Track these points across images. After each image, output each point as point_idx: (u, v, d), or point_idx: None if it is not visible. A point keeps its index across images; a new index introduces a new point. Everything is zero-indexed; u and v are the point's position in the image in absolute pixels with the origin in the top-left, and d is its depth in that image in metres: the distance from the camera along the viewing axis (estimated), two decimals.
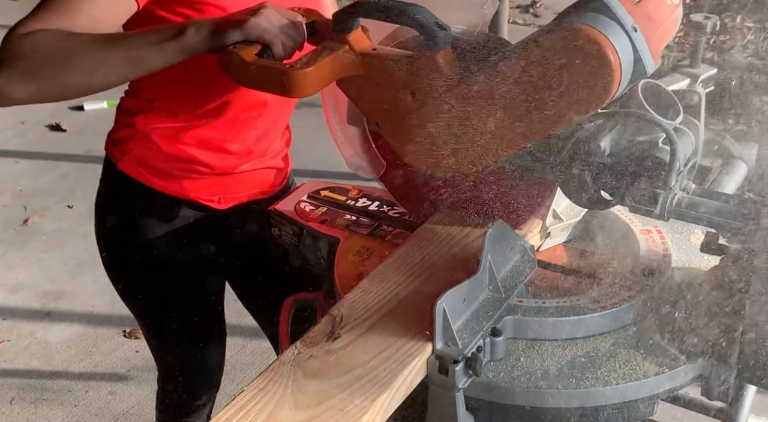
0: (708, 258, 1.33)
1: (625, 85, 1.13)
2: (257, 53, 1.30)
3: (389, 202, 1.59)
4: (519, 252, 1.30)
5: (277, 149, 1.79)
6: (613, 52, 1.08)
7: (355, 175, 1.53)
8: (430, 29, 1.21)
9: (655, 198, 1.17)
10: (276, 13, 1.31)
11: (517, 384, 1.16)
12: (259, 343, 2.91)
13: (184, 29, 1.30)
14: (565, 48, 1.10)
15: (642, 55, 1.12)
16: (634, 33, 1.11)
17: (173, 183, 1.67)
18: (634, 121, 1.19)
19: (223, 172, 1.69)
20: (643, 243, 1.37)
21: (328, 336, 1.18)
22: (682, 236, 1.43)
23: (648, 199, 1.17)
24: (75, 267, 3.57)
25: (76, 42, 1.31)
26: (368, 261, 1.43)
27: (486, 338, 1.17)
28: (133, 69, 1.35)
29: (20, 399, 2.89)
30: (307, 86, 1.27)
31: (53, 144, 4.67)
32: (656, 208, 1.18)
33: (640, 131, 1.19)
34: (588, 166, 1.21)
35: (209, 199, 1.72)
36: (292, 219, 1.57)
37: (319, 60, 1.26)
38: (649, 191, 1.17)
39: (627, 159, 1.19)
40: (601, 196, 1.23)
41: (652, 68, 1.14)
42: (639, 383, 1.16)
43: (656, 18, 1.17)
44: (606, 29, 1.09)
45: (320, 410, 1.05)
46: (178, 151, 1.64)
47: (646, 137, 1.19)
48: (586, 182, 1.22)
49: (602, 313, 1.23)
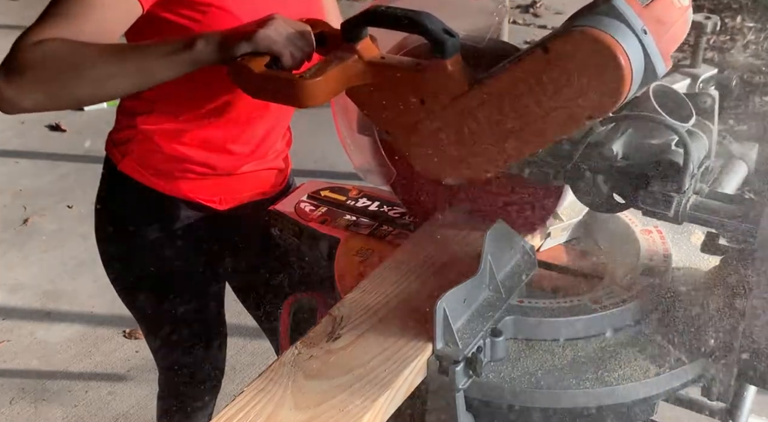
0: (708, 259, 1.33)
1: (636, 88, 1.12)
2: (266, 64, 1.30)
3: (389, 202, 1.59)
4: (519, 252, 1.30)
5: (279, 150, 1.79)
6: (624, 56, 1.07)
7: (354, 175, 1.53)
8: (438, 36, 1.20)
9: (669, 201, 1.15)
10: (285, 23, 1.32)
11: (517, 385, 1.16)
12: (260, 343, 2.90)
13: (193, 41, 1.31)
14: (575, 52, 1.10)
15: (653, 57, 1.11)
16: (644, 36, 1.09)
17: (174, 184, 1.67)
18: (647, 124, 1.17)
19: (225, 172, 1.69)
20: (643, 243, 1.37)
21: (329, 337, 1.18)
22: (682, 236, 1.43)
23: (662, 203, 1.16)
24: (75, 267, 3.56)
25: (86, 53, 1.32)
26: (368, 261, 1.43)
27: (486, 338, 1.17)
28: (143, 80, 1.36)
29: (20, 399, 2.89)
30: (317, 96, 1.27)
31: (53, 144, 4.67)
32: (670, 212, 1.16)
33: (653, 134, 1.18)
34: (600, 170, 1.20)
35: (210, 200, 1.72)
36: (292, 220, 1.57)
37: (329, 70, 1.26)
38: (662, 194, 1.16)
39: (640, 162, 1.18)
40: (614, 199, 1.22)
41: (662, 71, 1.13)
42: (639, 383, 1.16)
43: (666, 20, 1.15)
44: (616, 32, 1.08)
45: (320, 410, 1.05)
46: (180, 152, 1.64)
47: (659, 140, 1.18)
48: (598, 186, 1.21)
49: (602, 313, 1.23)
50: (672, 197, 1.15)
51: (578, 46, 1.09)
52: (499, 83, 1.18)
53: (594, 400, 1.16)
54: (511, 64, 1.16)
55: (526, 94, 1.15)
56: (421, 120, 1.26)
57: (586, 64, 1.09)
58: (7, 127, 4.80)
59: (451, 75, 1.21)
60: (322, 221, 1.55)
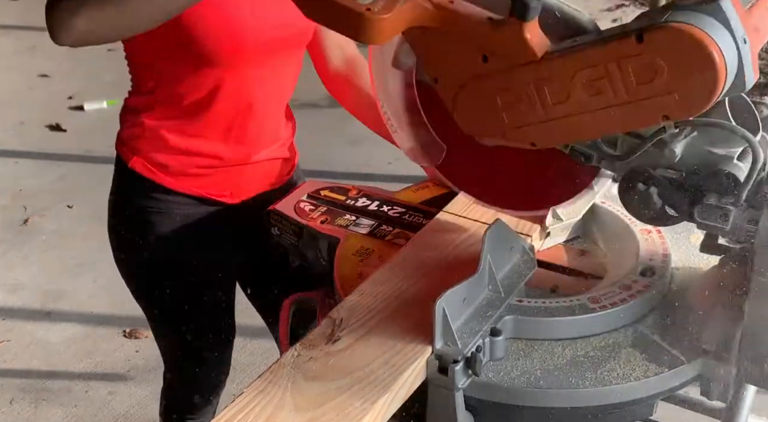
0: (707, 258, 1.33)
1: (722, 96, 1.05)
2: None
3: (389, 201, 1.59)
4: (519, 251, 1.30)
5: (284, 138, 1.80)
6: (722, 63, 0.99)
7: (354, 175, 1.54)
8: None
9: (726, 214, 1.11)
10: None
11: (516, 384, 1.16)
12: (260, 343, 2.91)
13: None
14: (672, 48, 1.01)
15: (745, 67, 1.03)
16: (742, 44, 1.02)
17: (184, 180, 1.69)
18: (715, 131, 1.11)
19: (236, 163, 1.70)
20: (642, 243, 1.37)
21: (328, 339, 1.18)
22: (681, 236, 1.43)
23: (719, 216, 1.12)
24: (75, 267, 3.56)
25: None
26: (368, 261, 1.43)
27: (485, 338, 1.17)
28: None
29: (20, 399, 2.89)
30: (382, 34, 1.15)
31: (53, 144, 4.66)
32: (728, 226, 1.12)
33: (718, 142, 1.13)
34: (656, 180, 1.15)
35: (221, 195, 1.73)
36: (292, 219, 1.57)
37: (398, 6, 1.14)
38: (719, 208, 1.11)
39: (698, 173, 1.13)
40: (666, 211, 1.17)
41: (752, 82, 1.05)
42: (638, 383, 1.16)
43: (761, 29, 1.08)
44: (718, 37, 1.00)
45: (320, 412, 1.05)
46: (186, 145, 1.65)
47: (722, 149, 1.13)
48: (651, 197, 1.16)
49: (602, 313, 1.23)
50: (729, 211, 1.11)
51: (677, 44, 1.01)
52: (575, 61, 1.08)
53: (593, 400, 1.16)
54: (593, 43, 1.07)
55: (604, 79, 1.07)
56: (478, 76, 1.17)
57: (681, 64, 1.01)
58: (7, 127, 4.81)
59: (526, 41, 1.10)
60: (322, 221, 1.55)
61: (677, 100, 1.03)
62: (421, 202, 1.59)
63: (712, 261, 1.30)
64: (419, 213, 1.55)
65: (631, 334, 1.23)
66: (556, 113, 1.12)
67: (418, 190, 1.63)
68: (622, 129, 1.13)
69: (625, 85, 1.06)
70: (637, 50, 1.03)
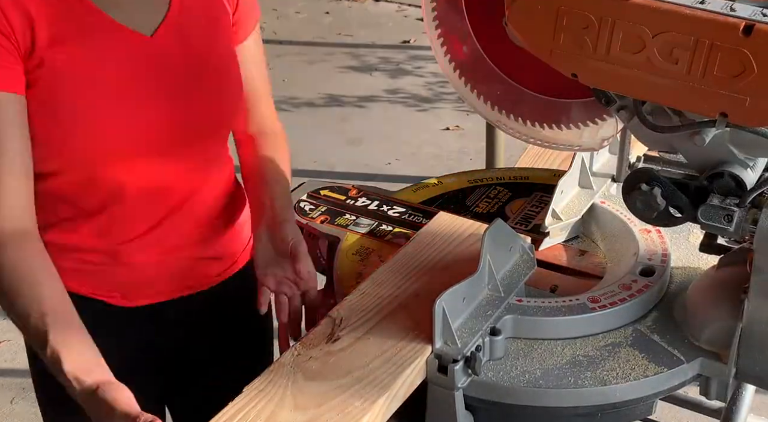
0: (707, 258, 1.33)
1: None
2: None
3: (389, 201, 1.59)
4: (518, 251, 1.30)
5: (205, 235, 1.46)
6: None
7: (354, 175, 1.53)
8: None
9: (730, 215, 1.10)
10: None
11: (516, 384, 1.16)
12: None
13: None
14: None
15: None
16: None
17: (68, 278, 1.33)
18: (749, 137, 1.06)
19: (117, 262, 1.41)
20: (642, 243, 1.37)
21: (328, 338, 1.18)
22: (680, 236, 1.43)
23: (722, 217, 1.11)
24: None
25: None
26: (368, 261, 1.44)
27: (485, 337, 1.17)
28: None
29: (20, 398, 2.89)
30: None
31: None
32: (732, 227, 1.11)
33: (742, 146, 1.10)
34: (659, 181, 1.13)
35: (109, 296, 1.44)
36: None
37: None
38: (723, 209, 1.10)
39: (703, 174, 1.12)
40: (669, 211, 1.16)
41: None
42: (638, 382, 1.16)
43: None
44: None
45: (320, 411, 1.06)
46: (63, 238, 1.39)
47: (743, 154, 1.11)
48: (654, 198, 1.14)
49: (601, 313, 1.23)
50: (734, 212, 1.10)
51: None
52: (669, 19, 0.99)
53: (593, 399, 1.16)
54: (697, 11, 0.98)
55: (688, 52, 0.98)
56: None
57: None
58: None
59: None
60: (321, 220, 1.55)
61: (746, 106, 0.97)
62: (420, 202, 1.60)
63: (712, 261, 1.30)
64: (419, 213, 1.55)
65: (630, 334, 1.24)
66: (618, 60, 1.03)
67: (418, 190, 1.64)
68: (672, 104, 1.07)
69: (705, 67, 0.98)
70: (738, 41, 0.95)
